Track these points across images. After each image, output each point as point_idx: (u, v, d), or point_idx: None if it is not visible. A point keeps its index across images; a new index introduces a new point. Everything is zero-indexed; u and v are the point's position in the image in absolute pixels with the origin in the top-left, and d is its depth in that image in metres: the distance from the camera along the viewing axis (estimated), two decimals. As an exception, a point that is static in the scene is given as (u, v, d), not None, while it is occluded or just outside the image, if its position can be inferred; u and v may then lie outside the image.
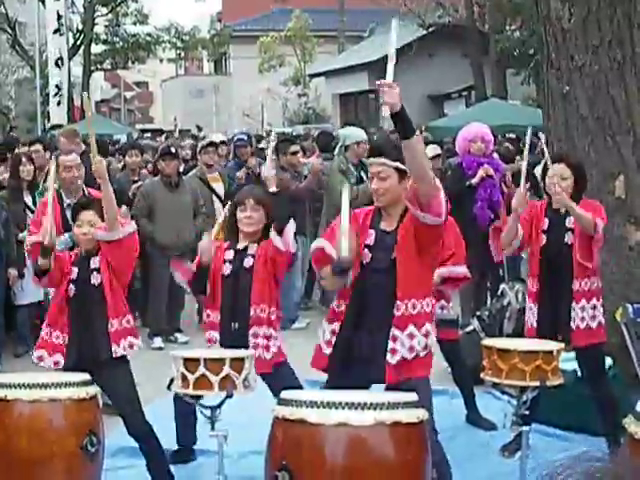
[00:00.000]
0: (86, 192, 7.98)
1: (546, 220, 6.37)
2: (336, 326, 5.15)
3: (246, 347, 5.79)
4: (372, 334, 5.03)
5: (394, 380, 4.93)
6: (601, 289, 6.40)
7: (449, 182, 9.57)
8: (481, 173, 9.58)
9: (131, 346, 5.75)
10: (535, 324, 6.36)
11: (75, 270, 5.75)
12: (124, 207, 7.55)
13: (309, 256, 5.76)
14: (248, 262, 6.06)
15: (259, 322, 6.01)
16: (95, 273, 5.69)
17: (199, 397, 5.18)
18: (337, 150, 10.85)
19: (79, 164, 8.01)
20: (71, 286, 5.70)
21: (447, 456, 5.27)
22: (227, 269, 6.09)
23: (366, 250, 5.08)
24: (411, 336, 5.00)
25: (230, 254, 6.14)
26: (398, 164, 4.98)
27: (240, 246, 6.15)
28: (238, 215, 6.15)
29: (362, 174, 10.36)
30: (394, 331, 4.97)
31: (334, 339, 5.14)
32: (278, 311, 6.16)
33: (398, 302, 4.96)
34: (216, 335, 6.08)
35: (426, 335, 5.04)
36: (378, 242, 5.08)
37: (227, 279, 6.07)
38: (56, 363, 5.70)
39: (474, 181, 9.62)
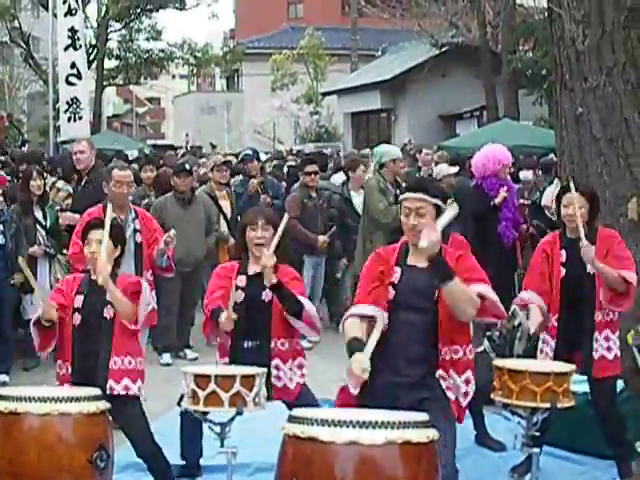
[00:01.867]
0: (132, 209, 7.99)
1: (563, 252, 6.32)
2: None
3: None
4: (408, 376, 4.97)
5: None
6: (617, 320, 6.36)
7: (474, 203, 9.77)
8: (503, 194, 9.77)
9: (135, 388, 5.66)
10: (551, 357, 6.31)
11: (80, 298, 5.65)
12: (173, 231, 7.51)
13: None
14: (267, 296, 5.91)
15: (282, 356, 5.96)
16: (109, 306, 5.60)
17: (209, 413, 5.17)
18: (372, 168, 10.82)
19: (131, 181, 7.99)
20: (76, 315, 5.62)
21: None
22: (240, 297, 5.91)
23: (390, 288, 5.00)
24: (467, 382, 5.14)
25: (242, 280, 5.98)
26: (437, 201, 4.94)
27: (251, 271, 6.00)
28: (248, 235, 6.02)
29: (399, 192, 10.33)
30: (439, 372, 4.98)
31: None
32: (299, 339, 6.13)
33: (439, 346, 4.95)
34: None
35: (467, 382, 5.11)
36: (406, 279, 4.99)
37: (240, 307, 5.87)
38: None
39: (497, 201, 9.85)
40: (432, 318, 4.93)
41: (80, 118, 20.62)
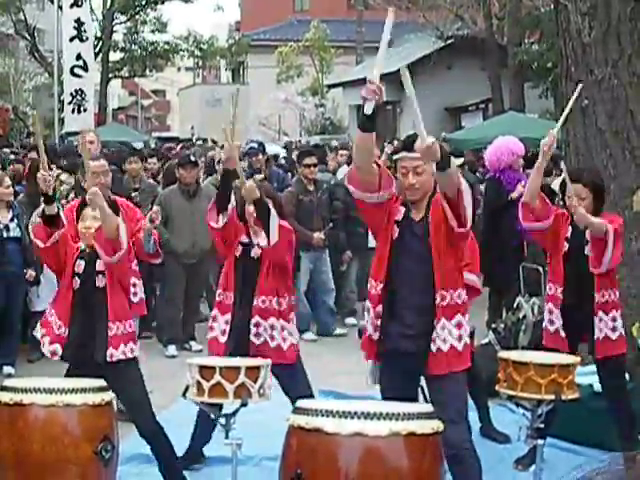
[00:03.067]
0: (111, 199, 7.94)
1: (569, 228, 6.35)
2: (379, 309, 5.10)
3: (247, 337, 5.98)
4: (412, 327, 5.01)
5: (440, 372, 4.97)
6: (619, 301, 6.38)
7: (490, 196, 9.79)
8: (520, 189, 9.77)
9: (131, 351, 5.72)
10: (559, 329, 6.32)
11: (82, 264, 5.70)
12: (156, 207, 7.49)
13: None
14: (255, 253, 6.13)
15: (262, 313, 6.07)
16: (100, 276, 5.65)
17: (214, 405, 5.18)
18: None
19: (107, 170, 7.98)
20: (76, 278, 5.67)
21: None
22: (239, 250, 6.18)
23: (395, 226, 5.07)
24: (459, 325, 5.05)
25: (239, 250, 6.20)
26: None
27: (248, 239, 6.20)
28: (247, 209, 6.14)
29: None
30: (443, 321, 4.98)
31: (378, 322, 5.09)
32: (289, 299, 6.22)
33: (439, 292, 4.98)
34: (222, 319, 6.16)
35: (459, 326, 5.08)
36: (406, 226, 5.06)
37: (238, 259, 6.17)
38: (53, 354, 5.70)
39: (514, 195, 9.77)
40: (429, 266, 4.99)
41: (85, 110, 20.64)
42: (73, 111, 20.61)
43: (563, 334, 6.29)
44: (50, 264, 5.91)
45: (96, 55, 34.65)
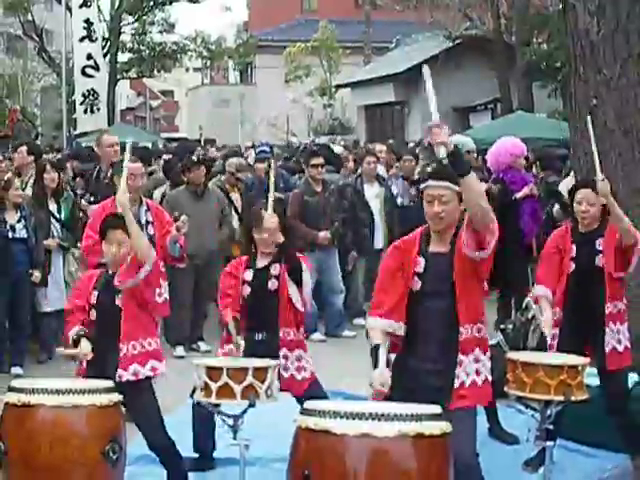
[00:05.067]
0: (144, 202, 7.95)
1: (573, 247, 6.30)
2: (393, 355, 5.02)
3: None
4: (436, 362, 4.95)
5: (458, 407, 4.89)
6: (626, 312, 6.34)
7: (495, 196, 9.77)
8: (526, 191, 9.75)
9: (153, 369, 5.68)
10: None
11: (95, 294, 5.69)
12: (184, 216, 7.48)
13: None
14: (273, 285, 6.06)
15: (288, 345, 6.05)
16: (120, 295, 5.62)
17: (221, 406, 5.17)
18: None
19: (143, 173, 7.97)
20: (92, 311, 5.66)
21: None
22: (246, 290, 6.09)
23: (416, 278, 4.98)
24: (477, 360, 5.01)
25: (249, 275, 6.14)
26: (459, 188, 4.90)
27: (260, 264, 6.13)
28: (256, 236, 6.16)
29: None
30: (460, 356, 4.94)
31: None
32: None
33: (461, 327, 4.93)
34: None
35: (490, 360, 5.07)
36: (430, 267, 4.98)
37: (247, 300, 6.07)
38: (86, 355, 5.65)
39: (519, 195, 9.83)
40: (452, 301, 4.93)
41: (98, 110, 20.61)
42: (85, 111, 20.58)
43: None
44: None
45: (104, 56, 34.77)
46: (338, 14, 44.94)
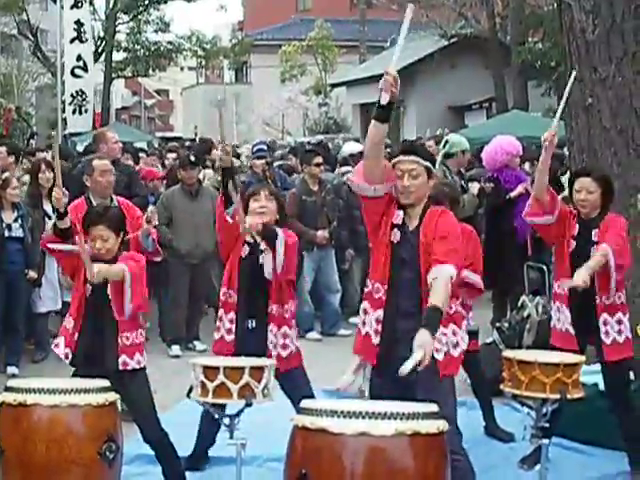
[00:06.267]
0: (114, 199, 7.93)
1: (577, 226, 6.32)
2: (380, 314, 5.10)
3: (263, 343, 5.94)
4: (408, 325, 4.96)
5: (434, 378, 4.94)
6: (626, 304, 6.34)
7: (489, 196, 9.77)
8: (520, 189, 9.71)
9: (138, 362, 5.71)
10: (569, 328, 6.27)
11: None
12: (152, 207, 7.47)
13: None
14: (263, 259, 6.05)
15: (275, 321, 6.03)
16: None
17: (218, 405, 5.17)
18: (439, 157, 10.59)
19: (112, 169, 7.99)
20: (87, 286, 5.64)
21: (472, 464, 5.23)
22: (245, 251, 6.11)
23: (396, 229, 5.09)
24: (454, 333, 5.11)
25: (245, 249, 6.14)
26: (428, 163, 5.11)
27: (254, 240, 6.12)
28: (251, 206, 6.11)
29: (463, 184, 10.15)
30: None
31: (380, 327, 5.09)
32: (293, 305, 6.19)
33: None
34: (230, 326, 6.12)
35: (455, 334, 5.14)
36: (404, 231, 5.10)
37: (244, 260, 6.10)
38: (66, 356, 5.69)
39: (513, 195, 9.82)
40: (417, 275, 5.02)
41: (86, 111, 20.67)
42: (74, 112, 20.66)
43: (572, 331, 6.26)
44: (66, 268, 5.97)
45: (99, 55, 34.76)
46: (333, 13, 44.92)
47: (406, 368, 4.35)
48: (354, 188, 5.12)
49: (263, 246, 5.97)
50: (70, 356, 5.68)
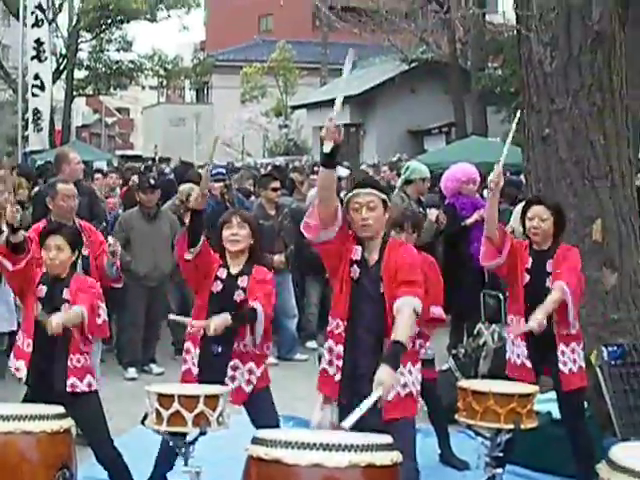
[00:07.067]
0: (77, 222, 7.90)
1: (530, 259, 6.38)
2: (340, 349, 5.11)
3: (223, 373, 5.86)
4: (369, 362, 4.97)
5: (390, 418, 4.94)
6: (580, 333, 6.41)
7: (446, 222, 9.79)
8: (476, 217, 9.73)
9: (89, 385, 5.70)
10: (525, 361, 6.32)
11: (43, 289, 5.70)
12: (111, 238, 7.43)
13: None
14: (239, 295, 5.97)
15: (242, 357, 5.97)
16: (67, 305, 5.62)
17: (174, 433, 5.15)
18: (399, 183, 10.50)
19: (75, 194, 7.96)
20: (38, 304, 5.65)
21: None
22: (218, 287, 5.99)
23: (355, 265, 5.11)
24: (410, 372, 5.15)
25: (223, 273, 6.03)
26: (385, 196, 5.16)
27: (233, 271, 6.05)
28: (224, 234, 6.08)
29: (421, 210, 10.01)
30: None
31: (340, 363, 5.11)
32: (268, 344, 6.13)
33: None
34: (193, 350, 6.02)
35: (411, 373, 5.18)
36: (363, 269, 5.11)
37: (216, 296, 5.96)
38: (17, 369, 5.69)
39: (469, 222, 9.84)
40: (381, 309, 5.03)
41: (40, 130, 20.69)
42: (34, 130, 20.70)
43: (529, 365, 6.31)
44: (14, 287, 5.92)
45: (60, 73, 34.64)
46: (295, 35, 45.12)
47: (349, 422, 4.36)
48: (311, 238, 5.10)
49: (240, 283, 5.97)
50: (23, 370, 5.68)
